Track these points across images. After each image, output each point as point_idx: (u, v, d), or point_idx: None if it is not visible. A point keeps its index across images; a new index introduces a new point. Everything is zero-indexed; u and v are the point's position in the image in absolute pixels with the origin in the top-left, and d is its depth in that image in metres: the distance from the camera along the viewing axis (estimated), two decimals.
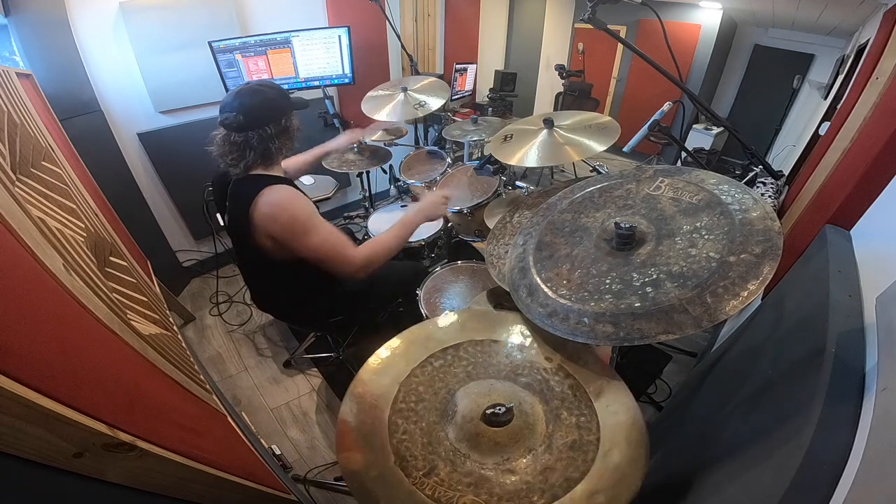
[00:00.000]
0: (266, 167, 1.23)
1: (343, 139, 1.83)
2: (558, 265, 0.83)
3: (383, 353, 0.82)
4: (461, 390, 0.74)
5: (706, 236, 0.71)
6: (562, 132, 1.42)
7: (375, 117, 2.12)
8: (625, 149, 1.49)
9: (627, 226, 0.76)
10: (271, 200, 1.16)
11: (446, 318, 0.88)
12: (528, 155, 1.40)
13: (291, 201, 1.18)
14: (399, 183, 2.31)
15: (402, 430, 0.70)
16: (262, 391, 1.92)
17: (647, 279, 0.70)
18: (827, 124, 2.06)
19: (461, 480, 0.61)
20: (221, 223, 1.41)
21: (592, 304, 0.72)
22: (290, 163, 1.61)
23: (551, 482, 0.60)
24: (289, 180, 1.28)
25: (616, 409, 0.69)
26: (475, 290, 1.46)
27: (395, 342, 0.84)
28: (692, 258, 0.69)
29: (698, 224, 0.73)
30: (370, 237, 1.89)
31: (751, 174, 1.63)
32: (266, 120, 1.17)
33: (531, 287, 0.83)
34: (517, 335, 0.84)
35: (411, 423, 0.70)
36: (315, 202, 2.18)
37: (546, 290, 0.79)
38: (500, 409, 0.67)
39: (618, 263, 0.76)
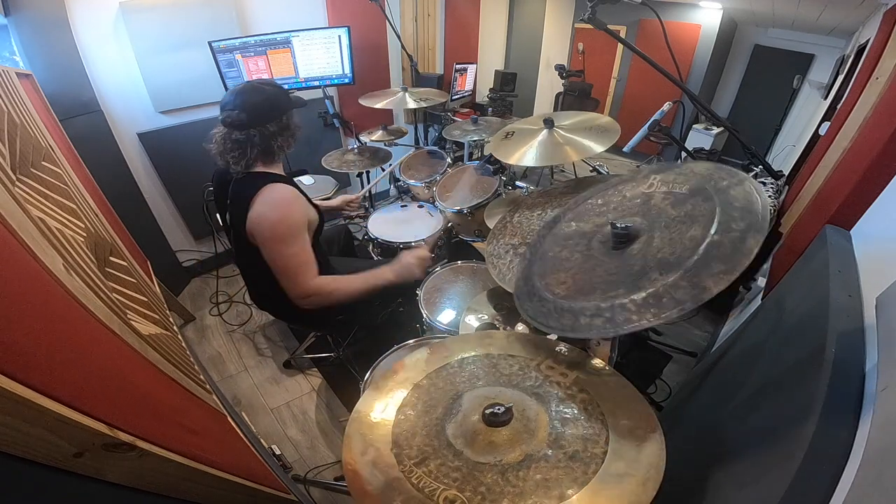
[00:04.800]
0: (267, 165, 1.23)
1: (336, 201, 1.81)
2: (557, 270, 0.85)
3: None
4: (468, 393, 0.75)
5: (692, 220, 0.72)
6: (562, 132, 1.42)
7: (375, 107, 2.16)
8: (625, 149, 1.49)
9: (623, 226, 0.78)
10: (269, 199, 1.16)
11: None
12: (528, 155, 1.40)
13: (288, 203, 1.18)
14: (399, 183, 2.31)
15: (406, 420, 0.71)
16: (262, 391, 1.92)
17: (636, 269, 0.71)
18: (827, 124, 2.06)
19: (449, 475, 0.61)
20: (221, 223, 1.41)
21: (585, 299, 0.73)
22: None
23: (543, 489, 0.59)
24: (290, 179, 1.27)
25: (632, 427, 0.66)
26: (475, 290, 1.46)
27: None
28: (680, 244, 0.70)
29: (685, 211, 0.75)
30: (370, 238, 1.89)
31: (751, 174, 1.63)
32: (268, 117, 1.17)
33: (531, 291, 0.85)
34: (533, 350, 0.84)
35: (416, 414, 0.72)
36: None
37: (545, 293, 0.81)
38: (499, 409, 0.67)
39: (613, 261, 0.77)
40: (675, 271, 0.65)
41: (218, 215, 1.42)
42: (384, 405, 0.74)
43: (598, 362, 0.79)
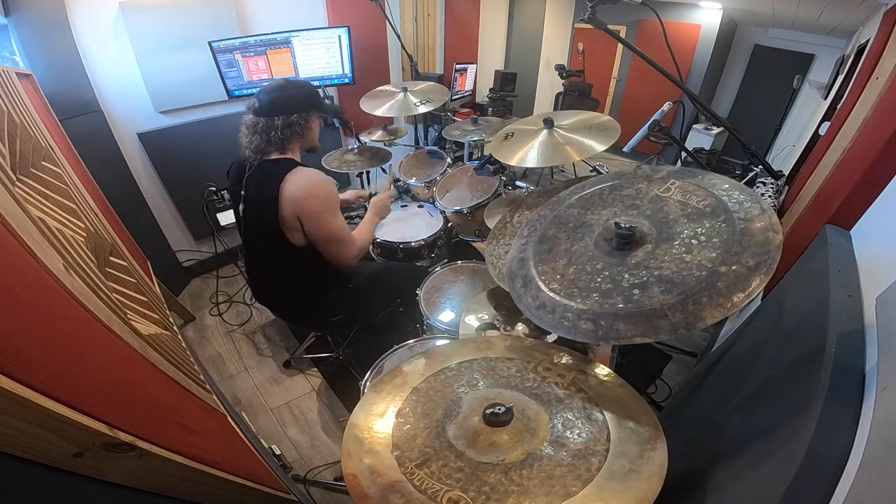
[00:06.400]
0: (281, 153, 1.30)
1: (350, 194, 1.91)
2: (556, 259, 0.83)
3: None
4: (468, 395, 0.75)
5: (704, 243, 0.70)
6: (562, 132, 1.42)
7: (375, 113, 2.12)
8: (625, 149, 1.49)
9: (627, 226, 0.76)
10: (308, 179, 1.25)
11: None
12: (528, 155, 1.39)
13: (326, 183, 1.30)
14: (399, 183, 2.31)
15: (405, 422, 0.70)
16: (262, 391, 1.92)
17: (636, 281, 0.70)
18: (827, 124, 2.06)
19: (451, 475, 0.61)
20: (234, 218, 1.46)
21: (579, 300, 0.72)
22: None
23: (548, 488, 0.58)
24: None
25: (630, 421, 0.67)
26: (475, 290, 1.46)
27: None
28: (685, 264, 0.68)
29: (699, 230, 0.72)
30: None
31: (751, 174, 1.63)
32: (279, 111, 1.26)
33: (526, 278, 0.83)
34: (529, 353, 0.84)
35: (415, 417, 0.71)
36: None
37: (539, 282, 0.80)
38: (499, 409, 0.67)
39: (613, 263, 0.76)
40: (676, 293, 0.64)
41: (226, 211, 1.47)
42: (383, 408, 0.73)
43: (595, 365, 0.79)
